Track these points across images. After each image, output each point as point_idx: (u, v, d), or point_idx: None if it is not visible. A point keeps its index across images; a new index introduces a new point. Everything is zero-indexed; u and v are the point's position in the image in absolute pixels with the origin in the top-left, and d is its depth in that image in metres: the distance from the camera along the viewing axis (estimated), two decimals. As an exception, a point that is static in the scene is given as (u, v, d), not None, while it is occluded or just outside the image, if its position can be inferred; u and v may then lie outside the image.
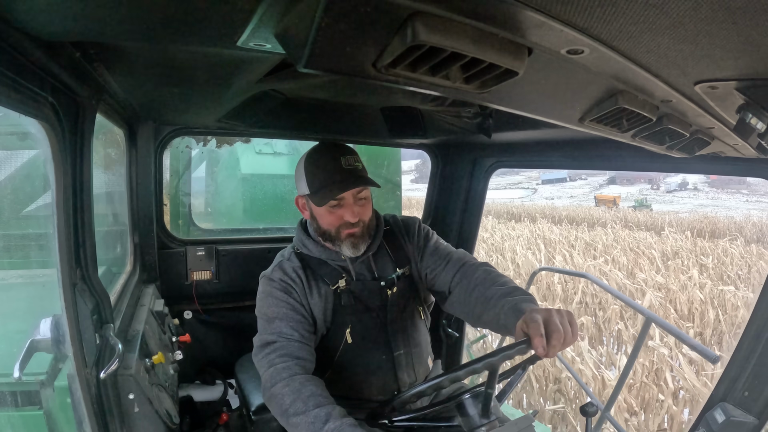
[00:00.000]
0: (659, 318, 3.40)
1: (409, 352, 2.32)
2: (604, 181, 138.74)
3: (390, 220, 2.45)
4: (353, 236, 2.14)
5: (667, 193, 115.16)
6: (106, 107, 1.91)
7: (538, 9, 0.67)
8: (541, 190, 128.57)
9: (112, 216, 2.80)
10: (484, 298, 2.02)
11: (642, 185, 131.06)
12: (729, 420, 1.83)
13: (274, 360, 1.94)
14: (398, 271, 2.32)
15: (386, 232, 2.38)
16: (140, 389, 1.78)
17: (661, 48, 0.80)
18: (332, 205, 2.10)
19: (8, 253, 2.87)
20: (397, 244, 2.38)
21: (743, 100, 1.01)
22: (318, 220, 2.17)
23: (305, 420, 1.72)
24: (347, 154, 2.14)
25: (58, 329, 1.50)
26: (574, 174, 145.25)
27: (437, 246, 2.38)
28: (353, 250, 2.17)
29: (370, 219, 2.23)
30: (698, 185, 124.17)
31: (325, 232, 2.17)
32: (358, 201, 2.13)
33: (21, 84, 1.04)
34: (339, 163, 2.09)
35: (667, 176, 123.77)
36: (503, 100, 1.13)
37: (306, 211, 2.25)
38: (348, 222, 2.11)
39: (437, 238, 2.44)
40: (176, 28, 1.00)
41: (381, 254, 2.33)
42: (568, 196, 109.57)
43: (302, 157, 2.21)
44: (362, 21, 0.69)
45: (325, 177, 2.09)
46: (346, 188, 2.06)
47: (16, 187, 2.96)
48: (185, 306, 3.26)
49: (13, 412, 2.01)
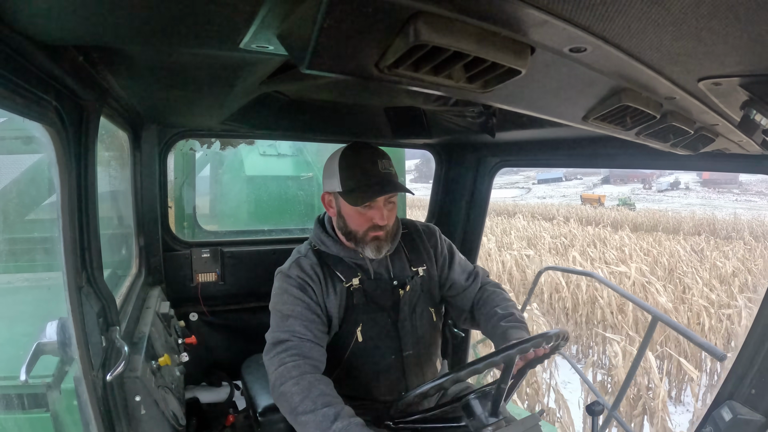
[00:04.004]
0: (666, 317, 3.39)
1: (418, 353, 2.32)
2: (599, 180, 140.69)
3: (408, 224, 2.48)
4: (378, 239, 2.15)
5: (659, 192, 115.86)
6: (110, 111, 1.91)
7: (540, 7, 0.67)
8: (536, 190, 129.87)
9: (117, 219, 2.80)
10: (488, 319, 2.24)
11: (635, 185, 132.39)
12: (736, 418, 1.82)
13: (284, 359, 1.94)
14: (413, 271, 2.33)
15: (404, 235, 2.39)
16: (147, 391, 1.79)
17: (664, 45, 0.80)
18: (364, 206, 2.10)
19: (14, 257, 2.88)
20: (414, 246, 2.40)
21: (747, 97, 1.00)
22: (346, 219, 2.16)
23: (314, 419, 1.72)
24: (384, 158, 2.14)
25: (64, 332, 1.51)
26: (570, 174, 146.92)
27: (461, 263, 2.48)
28: (376, 252, 2.17)
29: (395, 223, 2.24)
30: (690, 185, 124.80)
31: (351, 232, 2.16)
32: (388, 204, 2.14)
33: (25, 88, 1.04)
34: (376, 166, 2.09)
35: (660, 176, 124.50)
36: (506, 100, 1.12)
37: (332, 209, 2.22)
38: (377, 225, 2.11)
39: (458, 253, 2.51)
40: (179, 31, 1.01)
41: (398, 255, 2.35)
42: (560, 196, 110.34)
43: (335, 155, 2.18)
44: (364, 22, 0.69)
45: (361, 178, 2.08)
46: (383, 192, 2.06)
47: (21, 190, 2.98)
48: (191, 308, 3.27)
49: (20, 415, 2.02)
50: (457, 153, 3.51)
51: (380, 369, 2.26)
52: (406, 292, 2.28)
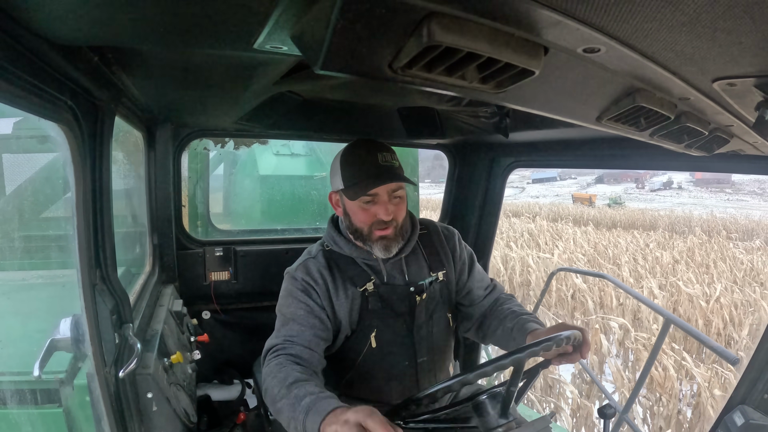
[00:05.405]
0: (679, 319, 3.37)
1: (432, 359, 2.30)
2: (592, 180, 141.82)
3: (428, 225, 2.44)
4: (385, 238, 2.11)
5: (651, 192, 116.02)
6: (125, 110, 1.93)
7: (553, 8, 0.67)
8: (530, 189, 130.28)
9: (131, 217, 2.82)
10: (498, 318, 2.22)
11: (628, 184, 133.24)
12: (748, 423, 1.80)
13: (270, 361, 1.93)
14: (431, 276, 2.29)
15: (422, 235, 2.36)
16: (158, 388, 1.80)
17: (678, 45, 0.80)
18: (366, 201, 2.06)
19: (29, 254, 2.91)
20: (433, 248, 2.36)
21: (762, 97, 0.99)
22: (351, 217, 2.13)
23: (287, 402, 1.69)
24: (384, 150, 2.10)
25: (77, 329, 1.52)
26: (564, 173, 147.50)
27: (479, 271, 2.45)
28: (384, 251, 2.14)
29: (404, 220, 2.19)
30: (683, 184, 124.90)
31: (357, 229, 2.13)
32: (393, 199, 2.09)
33: (41, 88, 1.05)
34: (375, 158, 2.06)
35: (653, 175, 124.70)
36: (520, 100, 1.12)
37: (339, 208, 2.20)
38: (381, 220, 2.07)
39: (476, 261, 2.48)
40: (193, 32, 1.01)
41: (415, 257, 2.30)
42: (554, 195, 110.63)
43: (338, 153, 2.17)
44: (378, 22, 0.70)
45: (360, 171, 2.05)
46: (381, 183, 2.02)
47: (36, 189, 3.00)
48: (203, 306, 3.29)
49: (33, 410, 2.04)
50: (470, 153, 3.50)
51: (393, 375, 2.24)
52: (423, 299, 2.24)
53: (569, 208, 57.27)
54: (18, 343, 2.22)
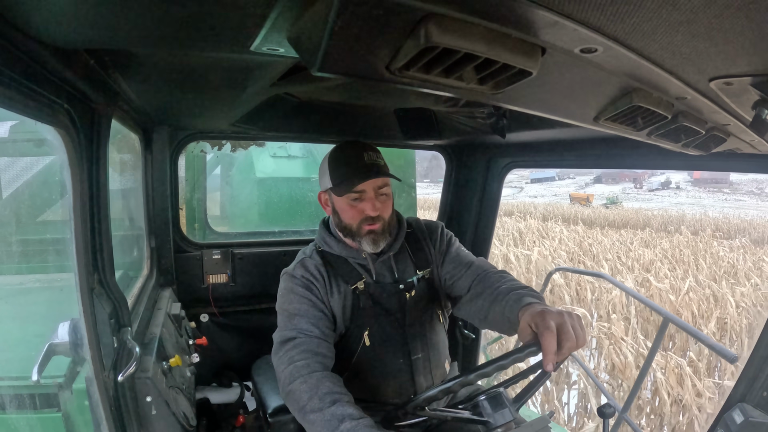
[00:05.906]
0: (677, 318, 3.38)
1: (427, 356, 2.31)
2: (590, 180, 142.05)
3: (413, 223, 2.46)
4: (374, 233, 2.14)
5: (649, 192, 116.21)
6: (121, 113, 1.92)
7: (550, 8, 0.67)
8: (528, 189, 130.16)
9: (129, 220, 2.82)
10: (492, 296, 2.05)
11: (626, 184, 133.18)
12: (747, 421, 1.81)
13: (294, 357, 1.94)
14: (418, 273, 2.32)
15: (408, 234, 2.39)
16: (157, 392, 1.80)
17: (675, 45, 0.80)
18: (353, 198, 2.11)
19: (26, 258, 2.91)
20: (419, 246, 2.39)
21: (759, 96, 1.00)
22: (340, 215, 2.18)
23: (321, 417, 1.71)
24: (370, 150, 2.16)
25: (76, 333, 1.52)
26: (563, 173, 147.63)
27: (458, 253, 2.40)
28: (373, 245, 2.16)
29: (391, 216, 2.23)
30: (681, 184, 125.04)
31: (346, 226, 2.17)
32: (380, 196, 2.14)
33: (37, 92, 1.05)
34: (361, 157, 2.11)
35: (651, 175, 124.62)
36: (517, 101, 1.12)
37: (328, 207, 2.25)
38: (369, 216, 2.11)
39: (459, 245, 2.46)
40: (189, 34, 1.01)
41: (402, 256, 2.34)
42: (552, 195, 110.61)
43: (326, 154, 2.22)
44: (375, 24, 0.70)
45: (347, 170, 2.10)
46: (366, 178, 2.07)
47: (33, 192, 3.00)
48: (202, 309, 3.28)
49: (32, 415, 2.04)
50: (467, 154, 3.50)
51: (388, 372, 2.26)
52: (412, 296, 2.27)
53: (564, 208, 57.90)
54: (16, 347, 2.21)
